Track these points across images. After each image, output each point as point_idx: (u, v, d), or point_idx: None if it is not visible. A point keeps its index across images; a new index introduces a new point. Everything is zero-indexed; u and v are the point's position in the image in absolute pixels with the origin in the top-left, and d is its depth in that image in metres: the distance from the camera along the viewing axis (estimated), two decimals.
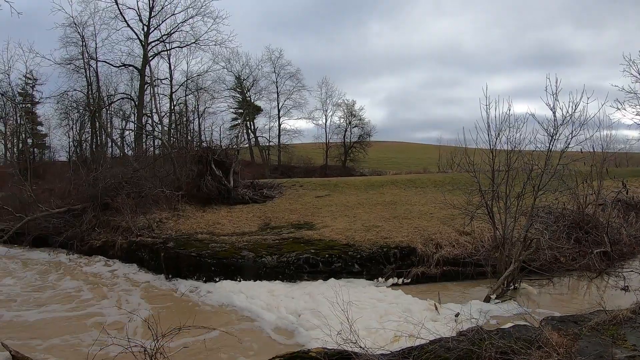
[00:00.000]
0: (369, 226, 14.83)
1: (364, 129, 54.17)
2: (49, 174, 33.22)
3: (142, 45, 38.03)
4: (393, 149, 70.18)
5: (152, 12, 37.79)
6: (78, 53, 38.03)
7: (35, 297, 12.02)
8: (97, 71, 39.49)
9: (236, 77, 51.82)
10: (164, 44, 39.81)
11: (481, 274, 11.76)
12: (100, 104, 38.88)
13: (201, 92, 46.29)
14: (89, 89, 39.49)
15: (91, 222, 18.55)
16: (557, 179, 11.72)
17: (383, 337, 8.08)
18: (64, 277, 14.18)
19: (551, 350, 5.24)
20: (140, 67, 38.53)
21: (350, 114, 53.79)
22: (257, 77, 52.31)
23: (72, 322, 10.16)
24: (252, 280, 12.40)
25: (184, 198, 19.68)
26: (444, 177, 24.62)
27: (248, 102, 51.99)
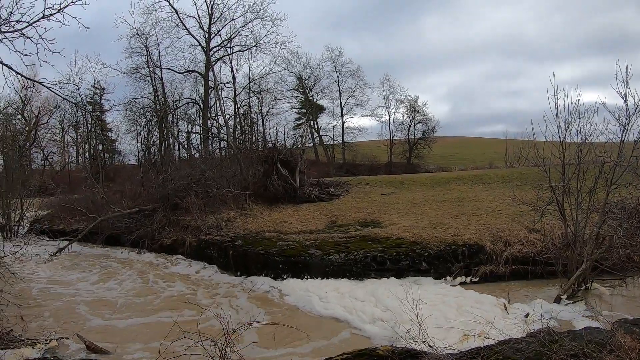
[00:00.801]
0: (436, 223, 14.76)
1: (427, 124, 53.64)
2: (119, 177, 34.58)
3: (204, 51, 38.97)
4: (458, 145, 69.10)
5: (211, 19, 38.76)
6: (143, 62, 39.56)
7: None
8: (162, 78, 40.91)
9: (297, 78, 52.34)
10: (225, 48, 40.63)
11: (551, 273, 11.48)
12: (167, 109, 40.13)
13: (264, 93, 47.17)
14: (155, 95, 40.93)
15: (161, 222, 19.31)
16: (630, 172, 11.28)
17: (451, 336, 8.08)
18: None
19: (624, 355, 5.14)
20: (204, 72, 39.51)
21: (414, 110, 53.31)
22: (318, 77, 52.72)
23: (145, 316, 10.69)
24: (319, 278, 12.60)
25: (251, 197, 20.14)
26: (511, 172, 24.08)
27: (310, 101, 52.36)
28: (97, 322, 10.40)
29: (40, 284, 13.93)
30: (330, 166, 47.12)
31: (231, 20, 39.29)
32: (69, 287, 13.67)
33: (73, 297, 12.48)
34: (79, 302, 12.01)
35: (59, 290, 13.33)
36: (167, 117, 40.29)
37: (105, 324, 10.27)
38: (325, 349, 8.60)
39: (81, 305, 11.68)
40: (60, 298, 12.44)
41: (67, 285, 13.89)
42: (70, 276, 14.97)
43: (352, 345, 8.02)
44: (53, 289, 13.40)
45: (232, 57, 42.58)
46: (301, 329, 9.06)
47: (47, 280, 14.53)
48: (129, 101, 40.47)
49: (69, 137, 53.08)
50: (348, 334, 9.38)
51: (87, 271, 15.68)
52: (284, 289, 12.34)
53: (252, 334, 7.80)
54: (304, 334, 8.85)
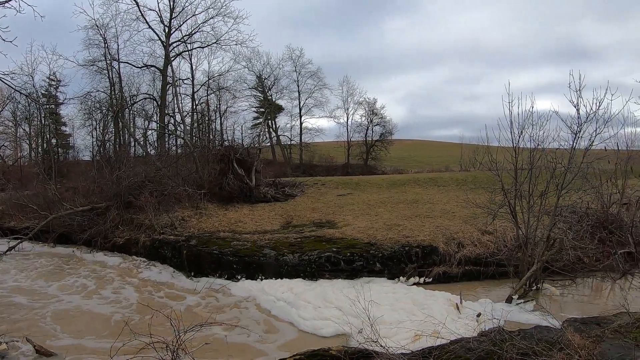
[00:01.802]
0: (390, 225, 14.81)
1: (385, 127, 53.74)
2: (72, 173, 33.62)
3: (164, 46, 38.22)
4: (415, 147, 69.88)
5: (172, 13, 37.96)
6: (100, 55, 38.47)
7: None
8: (119, 72, 39.96)
9: (257, 77, 51.87)
10: (185, 44, 39.98)
11: (503, 274, 11.67)
12: (123, 104, 39.26)
13: (223, 91, 46.61)
14: (111, 89, 39.94)
15: (114, 220, 18.79)
16: (580, 177, 11.59)
17: (404, 336, 8.09)
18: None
19: (573, 353, 5.19)
20: (162, 67, 38.75)
21: (372, 112, 53.43)
22: (278, 76, 52.28)
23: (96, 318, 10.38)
24: (273, 279, 12.46)
25: (206, 196, 19.85)
26: (466, 176, 24.47)
27: (269, 101, 52.02)
28: (46, 324, 10.02)
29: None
30: (287, 166, 46.95)
31: (193, 15, 38.59)
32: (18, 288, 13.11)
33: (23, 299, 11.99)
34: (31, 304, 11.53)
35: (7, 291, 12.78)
36: (123, 113, 39.42)
37: (54, 326, 9.89)
38: (278, 349, 8.52)
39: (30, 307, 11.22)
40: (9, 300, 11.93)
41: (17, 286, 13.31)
42: (20, 276, 14.36)
43: (306, 345, 7.93)
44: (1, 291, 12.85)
45: (191, 53, 42.00)
46: (254, 329, 8.98)
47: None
48: (85, 94, 39.17)
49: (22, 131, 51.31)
50: (301, 334, 9.32)
51: (37, 271, 15.09)
52: (238, 290, 12.17)
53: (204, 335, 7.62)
54: (256, 334, 8.76)
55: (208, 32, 39.53)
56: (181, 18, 38.39)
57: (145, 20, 37.30)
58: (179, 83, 40.67)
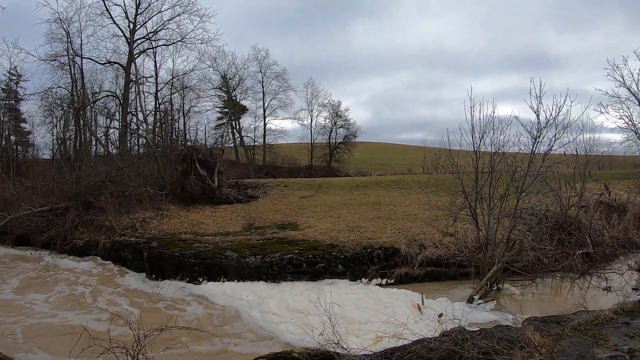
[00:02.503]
0: (353, 227, 14.82)
1: (349, 129, 54.02)
2: (32, 172, 32.68)
3: (128, 42, 37.53)
4: (378, 150, 70.25)
5: (138, 9, 37.31)
6: (63, 49, 37.42)
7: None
8: (82, 68, 38.95)
9: (222, 76, 51.48)
10: (150, 41, 39.35)
11: (464, 274, 11.80)
12: (85, 102, 38.37)
13: (187, 90, 46.02)
14: (73, 86, 38.92)
15: (74, 222, 18.28)
16: (540, 181, 11.82)
17: (366, 338, 8.07)
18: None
19: (533, 351, 5.24)
20: (126, 64, 38.04)
21: (336, 115, 53.61)
22: (243, 77, 52.00)
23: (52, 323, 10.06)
24: (236, 281, 12.32)
25: (168, 197, 19.56)
26: (428, 179, 24.68)
27: (233, 101, 51.71)
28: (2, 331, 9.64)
29: None
30: (250, 167, 46.70)
31: (158, 12, 38.00)
32: None
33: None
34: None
35: None
36: (84, 110, 38.45)
37: (9, 330, 9.56)
38: (241, 352, 8.42)
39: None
40: None
41: None
42: None
43: (269, 348, 7.85)
44: None
45: (156, 50, 41.36)
46: (216, 333, 8.84)
47: None
48: (46, 90, 38.09)
49: None
50: (264, 337, 9.23)
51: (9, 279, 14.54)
52: (200, 293, 11.98)
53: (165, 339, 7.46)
54: (217, 338, 8.62)
55: (173, 30, 39.09)
56: (147, 14, 37.88)
57: (110, 16, 36.66)
58: (143, 81, 40.13)
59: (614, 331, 6.31)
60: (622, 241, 14.21)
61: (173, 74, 44.10)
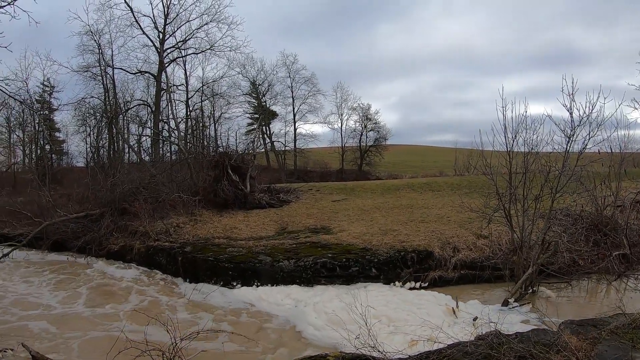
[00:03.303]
0: (386, 230, 14.80)
1: (379, 132, 53.99)
2: (67, 180, 33.47)
3: (158, 52, 38.23)
4: (409, 152, 70.04)
5: (167, 19, 37.98)
6: (95, 60, 38.31)
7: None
8: (113, 78, 39.78)
9: (251, 83, 51.97)
10: (180, 50, 40.00)
11: (499, 277, 11.69)
12: (117, 111, 39.12)
13: (217, 97, 46.59)
14: (105, 95, 39.79)
15: (109, 227, 18.63)
16: (575, 180, 11.63)
17: (400, 341, 8.06)
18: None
19: (570, 355, 5.21)
20: (156, 73, 38.74)
21: (366, 118, 53.64)
22: (272, 82, 52.44)
23: (89, 325, 10.32)
24: (269, 285, 12.42)
25: (201, 203, 19.79)
26: (460, 180, 24.46)
27: (263, 107, 52.07)
28: (43, 332, 9.92)
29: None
30: (282, 172, 46.96)
31: (187, 21, 38.67)
32: (14, 295, 13.02)
33: (18, 307, 11.89)
34: (23, 311, 11.44)
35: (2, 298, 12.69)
36: (117, 119, 39.25)
37: (51, 334, 9.81)
38: (276, 355, 8.50)
39: (25, 315, 11.13)
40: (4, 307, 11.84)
41: (13, 293, 13.22)
42: (15, 284, 14.27)
43: (302, 352, 7.92)
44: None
45: (185, 59, 42.04)
46: (251, 336, 8.93)
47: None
48: (79, 101, 39.06)
49: (16, 137, 51.08)
50: (298, 340, 9.30)
51: (32, 279, 14.99)
52: (234, 296, 12.13)
53: (201, 343, 7.60)
54: (253, 341, 8.72)
55: (202, 38, 39.67)
56: (175, 24, 38.47)
57: (139, 27, 37.41)
58: (173, 89, 40.68)
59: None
60: None
61: (203, 82, 44.76)
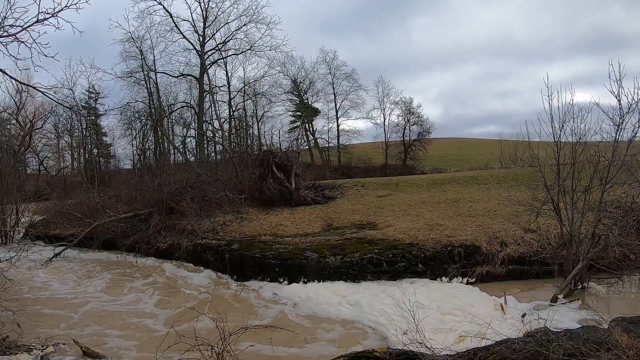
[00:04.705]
0: (432, 225, 14.73)
1: (422, 126, 53.40)
2: (114, 182, 34.53)
3: (199, 54, 38.99)
4: (453, 146, 69.06)
5: (206, 23, 38.81)
6: (137, 66, 39.68)
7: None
8: (156, 82, 40.96)
9: (292, 81, 52.29)
10: (220, 52, 40.68)
11: (547, 272, 11.47)
12: (162, 113, 40.13)
13: (259, 96, 47.28)
14: (150, 99, 40.96)
15: (157, 226, 19.20)
16: (625, 171, 11.31)
17: (448, 337, 8.09)
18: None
19: (621, 353, 5.14)
20: (198, 75, 39.51)
21: (409, 112, 53.15)
22: (313, 79, 52.66)
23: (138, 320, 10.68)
24: (316, 282, 12.57)
25: (247, 201, 20.11)
26: (506, 173, 24.06)
27: (305, 104, 52.30)
28: (93, 328, 10.34)
29: (36, 290, 13.86)
30: (326, 169, 47.08)
31: (225, 23, 39.40)
32: (66, 292, 13.59)
33: (69, 303, 12.42)
34: (75, 307, 11.95)
35: (55, 295, 13.26)
36: (162, 121, 40.28)
37: (101, 330, 10.20)
38: (323, 351, 8.60)
39: (77, 311, 11.62)
40: (56, 304, 12.36)
41: (64, 290, 13.81)
42: (66, 282, 14.89)
43: (349, 347, 8.02)
44: (49, 295, 13.32)
45: (226, 60, 42.80)
46: (299, 332, 9.08)
47: (43, 285, 14.45)
48: (124, 105, 40.63)
49: (64, 142, 52.94)
50: (345, 336, 9.38)
51: (83, 277, 15.59)
52: (282, 293, 12.35)
53: (250, 338, 7.78)
54: (301, 337, 8.87)
55: (242, 39, 40.27)
56: (214, 27, 39.28)
57: (179, 31, 38.37)
58: (216, 90, 41.38)
59: None
60: None
61: (245, 82, 45.51)
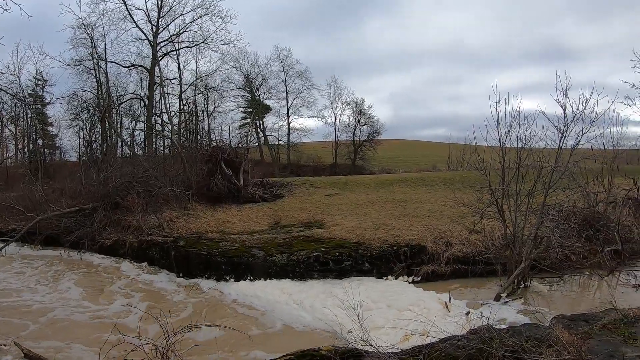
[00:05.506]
0: (379, 224, 14.81)
1: (373, 127, 53.83)
2: (59, 174, 33.28)
3: (151, 45, 38.09)
4: (402, 147, 69.90)
5: (160, 13, 37.88)
6: (87, 54, 38.32)
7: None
8: (106, 72, 39.70)
9: (245, 76, 51.76)
10: (173, 44, 39.91)
11: (491, 272, 11.71)
12: (110, 104, 39.04)
13: (210, 91, 46.53)
14: (98, 89, 39.65)
15: (102, 222, 18.59)
16: (567, 176, 11.68)
17: (393, 336, 8.10)
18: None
19: (562, 349, 5.24)
20: (150, 67, 38.61)
21: (359, 112, 53.50)
22: (266, 76, 52.22)
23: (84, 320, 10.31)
24: (263, 280, 12.41)
25: (194, 197, 19.76)
26: (453, 175, 24.50)
27: (257, 101, 51.93)
28: (34, 327, 9.92)
29: None
30: (275, 166, 46.89)
31: (180, 15, 38.56)
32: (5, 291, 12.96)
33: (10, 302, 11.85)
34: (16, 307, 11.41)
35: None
36: (110, 113, 39.17)
37: (43, 330, 9.81)
38: (268, 349, 8.49)
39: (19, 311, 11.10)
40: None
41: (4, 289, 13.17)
42: (6, 279, 14.20)
43: (297, 345, 7.92)
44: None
45: (179, 52, 42.01)
46: (244, 330, 8.93)
47: None
48: (72, 94, 39.05)
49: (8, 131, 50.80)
50: (291, 334, 9.34)
51: (24, 274, 14.92)
52: (228, 291, 12.15)
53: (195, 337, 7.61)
54: (246, 335, 8.72)
55: (196, 32, 39.56)
56: (169, 17, 38.44)
57: (132, 20, 37.37)
58: (167, 83, 40.65)
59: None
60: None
61: (197, 75, 44.66)
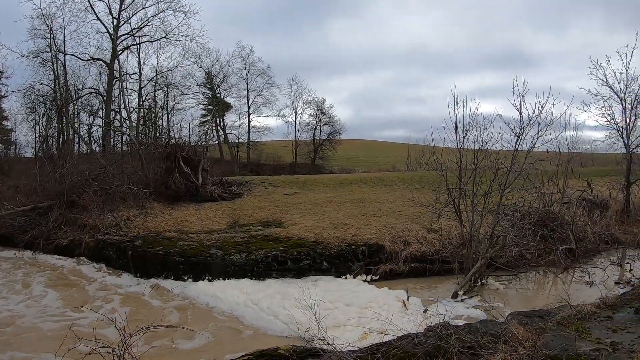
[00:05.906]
0: (337, 224, 14.83)
1: (333, 127, 54.04)
2: (14, 171, 32.34)
3: (112, 38, 37.13)
4: (362, 147, 70.40)
5: (122, 5, 36.86)
6: (46, 46, 36.79)
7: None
8: (64, 65, 38.23)
9: (206, 73, 51.11)
10: (134, 38, 38.99)
11: (448, 270, 11.87)
12: (68, 99, 37.89)
13: (170, 87, 45.72)
14: (56, 83, 38.32)
15: (57, 221, 18.01)
16: (523, 177, 11.96)
17: (351, 334, 8.09)
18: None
19: (517, 345, 5.31)
20: (109, 61, 37.63)
21: (320, 112, 53.60)
22: (227, 74, 51.58)
23: (39, 324, 9.98)
24: (221, 279, 12.26)
25: (152, 195, 19.39)
26: (412, 176, 24.78)
27: (218, 98, 51.39)
28: None
29: None
30: (235, 165, 46.51)
31: (143, 8, 37.61)
32: None
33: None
34: None
35: None
36: (67, 107, 37.99)
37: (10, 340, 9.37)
38: (227, 349, 8.41)
39: None
40: None
41: None
42: None
43: (254, 345, 7.84)
44: None
45: (140, 47, 41.02)
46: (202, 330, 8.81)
47: None
48: (28, 87, 37.42)
49: None
50: (250, 334, 9.25)
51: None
52: (185, 291, 11.95)
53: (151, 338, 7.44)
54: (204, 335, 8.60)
55: (158, 26, 38.72)
56: (131, 10, 37.45)
57: (93, 11, 36.27)
58: (126, 78, 39.78)
59: (596, 325, 6.41)
60: (605, 237, 14.35)
61: (157, 71, 43.69)
